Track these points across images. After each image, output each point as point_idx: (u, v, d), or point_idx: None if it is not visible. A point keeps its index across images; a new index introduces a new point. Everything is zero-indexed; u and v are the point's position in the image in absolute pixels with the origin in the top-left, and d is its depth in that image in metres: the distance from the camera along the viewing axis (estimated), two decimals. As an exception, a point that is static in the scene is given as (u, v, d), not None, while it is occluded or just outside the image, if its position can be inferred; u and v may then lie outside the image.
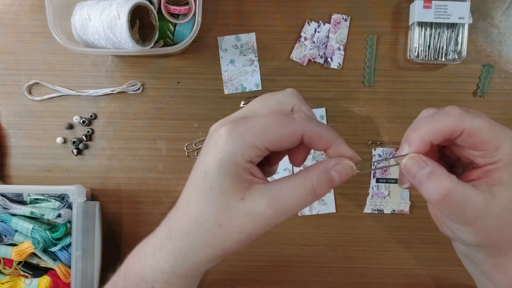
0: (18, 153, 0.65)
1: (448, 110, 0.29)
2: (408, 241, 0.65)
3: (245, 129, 0.29)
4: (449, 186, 0.27)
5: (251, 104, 0.31)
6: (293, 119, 0.29)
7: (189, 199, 0.31)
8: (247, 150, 0.28)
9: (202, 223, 0.29)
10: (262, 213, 0.28)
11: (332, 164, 0.30)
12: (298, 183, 0.29)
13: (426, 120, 0.30)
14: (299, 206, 0.29)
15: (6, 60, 0.65)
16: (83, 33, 0.57)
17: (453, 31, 0.61)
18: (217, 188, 0.29)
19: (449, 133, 0.29)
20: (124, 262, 0.35)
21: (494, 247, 0.31)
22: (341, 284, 0.65)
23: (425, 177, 0.28)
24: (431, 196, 0.28)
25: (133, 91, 0.65)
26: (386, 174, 0.64)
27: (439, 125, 0.29)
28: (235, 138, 0.28)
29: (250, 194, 0.29)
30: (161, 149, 0.65)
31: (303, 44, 0.64)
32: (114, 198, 0.65)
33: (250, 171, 0.29)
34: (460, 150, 0.31)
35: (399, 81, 0.64)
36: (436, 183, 0.28)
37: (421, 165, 0.28)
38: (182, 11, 0.60)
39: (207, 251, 0.30)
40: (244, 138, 0.28)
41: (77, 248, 0.58)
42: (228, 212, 0.29)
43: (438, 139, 0.29)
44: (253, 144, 0.28)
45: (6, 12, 0.65)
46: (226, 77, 0.64)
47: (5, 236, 0.61)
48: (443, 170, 0.28)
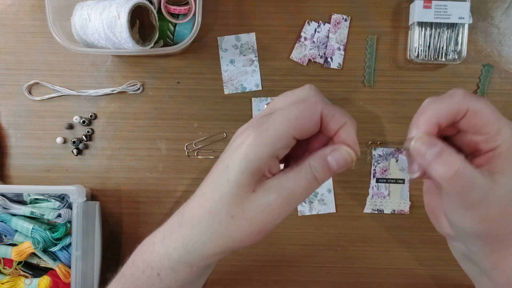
0: (18, 153, 0.65)
1: (452, 92, 0.30)
2: (408, 241, 0.65)
3: (269, 123, 0.29)
4: (459, 163, 0.27)
5: (272, 102, 0.32)
6: (311, 102, 0.30)
7: (206, 190, 0.31)
8: (274, 143, 0.29)
9: (215, 213, 0.30)
10: (273, 202, 0.29)
11: (329, 151, 0.30)
12: (300, 170, 0.30)
13: (431, 103, 0.30)
14: (305, 191, 0.30)
15: (6, 60, 0.65)
16: (83, 33, 0.57)
17: (453, 31, 0.61)
18: (233, 181, 0.29)
19: (454, 113, 0.29)
20: (133, 252, 0.36)
21: (494, 239, 0.31)
22: (341, 284, 0.65)
23: (435, 156, 0.28)
24: (442, 173, 0.28)
25: (133, 91, 0.65)
26: (386, 174, 0.64)
27: (445, 106, 0.29)
28: (260, 133, 0.29)
29: (260, 186, 0.30)
30: (161, 149, 0.65)
31: (303, 44, 0.64)
32: (114, 198, 0.65)
33: (270, 167, 0.30)
34: (463, 138, 0.31)
35: (399, 81, 0.64)
36: (447, 160, 0.28)
37: (430, 145, 0.28)
38: (182, 11, 0.60)
39: (217, 242, 0.30)
40: (270, 132, 0.29)
41: (77, 248, 0.58)
42: (240, 205, 0.29)
43: (445, 119, 0.29)
44: (279, 135, 0.29)
45: (6, 12, 0.65)
46: (226, 77, 0.64)
47: (5, 236, 0.61)
48: (452, 149, 0.28)
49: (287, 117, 0.29)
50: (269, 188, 0.29)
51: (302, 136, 0.30)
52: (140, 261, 0.34)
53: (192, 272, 0.32)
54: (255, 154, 0.29)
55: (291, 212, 0.30)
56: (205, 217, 0.30)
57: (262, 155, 0.29)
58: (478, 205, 0.28)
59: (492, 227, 0.30)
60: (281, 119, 0.29)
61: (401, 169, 0.64)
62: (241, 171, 0.29)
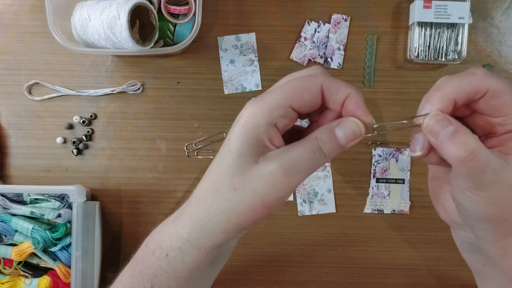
0: (18, 153, 0.65)
1: (473, 69, 0.29)
2: (408, 241, 0.65)
3: (267, 94, 0.29)
4: (474, 144, 0.26)
5: (278, 82, 0.32)
6: (310, 74, 0.30)
7: (211, 166, 0.31)
8: (270, 110, 0.28)
9: (218, 187, 0.30)
10: (274, 172, 0.28)
11: (337, 122, 0.29)
12: (306, 142, 0.29)
13: (450, 79, 0.29)
14: (310, 164, 0.29)
15: (6, 60, 0.65)
16: (83, 33, 0.57)
17: (453, 31, 0.61)
18: (235, 152, 0.29)
19: (474, 92, 0.28)
20: (150, 234, 0.36)
21: (505, 223, 0.30)
22: (341, 284, 0.65)
23: (450, 135, 0.27)
24: (456, 154, 0.27)
25: (133, 91, 0.65)
26: (386, 174, 0.64)
27: (464, 82, 0.28)
28: (257, 102, 0.29)
29: (263, 158, 0.29)
30: (161, 149, 0.65)
31: (303, 44, 0.64)
32: (114, 198, 0.65)
33: (270, 136, 0.29)
34: (476, 119, 0.30)
35: (399, 81, 0.64)
36: (462, 140, 0.27)
37: (445, 123, 0.27)
38: (182, 11, 0.60)
39: (221, 217, 0.30)
40: (266, 100, 0.29)
41: (77, 248, 0.58)
42: (242, 176, 0.29)
43: (463, 98, 0.28)
44: (275, 104, 0.28)
45: (6, 12, 0.65)
46: (226, 77, 0.64)
47: (5, 236, 0.61)
48: (467, 129, 0.27)
49: (285, 87, 0.29)
50: (271, 157, 0.29)
51: (301, 108, 0.29)
52: (152, 242, 0.34)
53: (200, 254, 0.32)
54: (252, 123, 0.28)
55: (296, 186, 0.29)
56: (209, 192, 0.30)
57: (259, 123, 0.28)
58: (490, 186, 0.28)
59: (503, 210, 0.29)
60: (280, 89, 0.29)
61: (401, 169, 0.64)
62: (241, 141, 0.29)
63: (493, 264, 0.33)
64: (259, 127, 0.28)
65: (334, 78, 0.29)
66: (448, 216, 0.34)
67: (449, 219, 0.35)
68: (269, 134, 0.29)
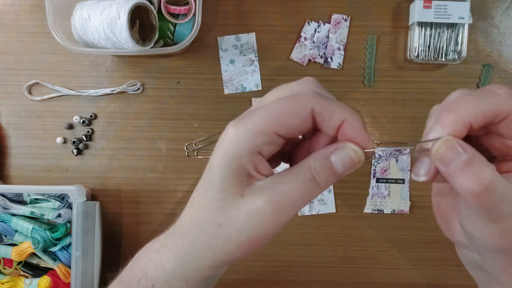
0: (18, 153, 0.65)
1: (494, 88, 0.25)
2: (408, 241, 0.65)
3: (250, 117, 0.26)
4: (490, 177, 0.23)
5: (264, 96, 0.29)
6: (299, 96, 0.26)
7: (194, 196, 0.29)
8: (252, 139, 0.25)
9: (201, 222, 0.27)
10: (262, 209, 0.25)
11: (332, 149, 0.26)
12: (298, 172, 0.26)
13: (466, 99, 0.25)
14: (303, 197, 0.26)
15: (6, 60, 0.65)
16: (83, 33, 0.57)
17: (453, 31, 0.61)
18: (217, 184, 0.26)
19: (493, 115, 0.25)
20: (135, 256, 0.34)
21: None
22: (341, 284, 0.65)
23: (462, 165, 0.24)
24: (469, 187, 0.23)
25: (133, 91, 0.65)
26: (386, 174, 0.64)
27: (484, 105, 0.24)
28: (238, 128, 0.26)
29: (250, 190, 0.26)
30: (161, 149, 0.65)
31: (303, 44, 0.64)
32: (114, 198, 0.65)
33: (255, 165, 0.26)
34: (492, 140, 0.27)
35: (399, 81, 0.64)
36: (476, 172, 0.23)
37: (457, 151, 0.24)
38: (182, 11, 0.60)
39: (206, 253, 0.28)
40: (248, 126, 0.26)
41: (77, 248, 0.57)
42: (227, 211, 0.26)
43: (480, 122, 0.24)
44: (258, 131, 0.25)
45: (6, 12, 0.65)
46: (226, 77, 0.64)
47: (5, 236, 0.61)
48: (483, 158, 0.24)
49: (269, 111, 0.26)
50: (258, 190, 0.26)
51: (289, 133, 0.26)
52: (137, 269, 0.33)
53: (187, 286, 0.30)
54: (233, 152, 0.26)
55: (287, 221, 0.26)
56: (192, 227, 0.28)
57: (241, 152, 0.25)
58: (505, 218, 0.25)
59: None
60: (263, 113, 0.26)
61: (401, 169, 0.64)
62: (223, 172, 0.26)
63: (500, 285, 0.31)
64: (241, 156, 0.25)
65: (327, 100, 0.26)
66: (453, 236, 0.31)
67: (454, 239, 0.32)
68: (253, 163, 0.26)
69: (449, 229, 0.31)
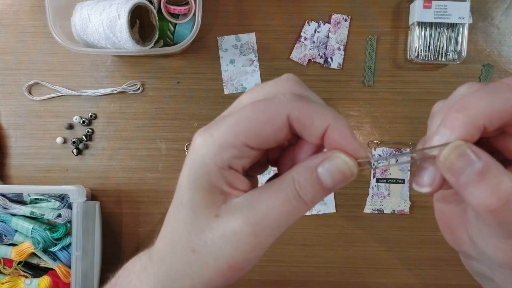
0: (18, 153, 0.65)
1: (508, 81, 0.21)
2: (408, 241, 0.65)
3: (218, 127, 0.22)
4: (510, 189, 0.19)
5: (238, 99, 0.25)
6: (275, 101, 0.22)
7: (167, 218, 0.26)
8: (219, 153, 0.22)
9: (175, 247, 0.24)
10: (239, 231, 0.22)
11: (319, 160, 0.22)
12: (280, 187, 0.22)
13: (478, 96, 0.21)
14: (284, 217, 0.22)
15: (6, 60, 0.65)
16: (83, 33, 0.57)
17: (453, 31, 0.61)
18: (188, 204, 0.23)
19: (511, 115, 0.20)
20: (117, 273, 0.32)
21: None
22: (341, 284, 0.65)
23: (476, 176, 0.20)
24: (485, 203, 0.19)
25: (133, 91, 0.65)
26: (386, 174, 0.64)
27: (500, 102, 0.20)
28: (205, 140, 0.22)
29: (225, 209, 0.23)
30: (161, 149, 0.65)
31: (303, 44, 0.64)
32: (114, 198, 0.65)
33: (228, 180, 0.23)
34: (508, 142, 0.23)
35: (399, 81, 0.64)
36: (494, 184, 0.19)
37: (470, 159, 0.20)
38: (182, 11, 0.60)
39: (185, 282, 0.24)
40: (215, 137, 0.22)
41: (77, 248, 0.57)
42: (201, 235, 0.23)
43: (496, 123, 0.20)
44: (226, 143, 0.22)
45: (6, 12, 0.65)
46: (226, 77, 0.64)
47: (5, 236, 0.61)
48: (501, 167, 0.20)
49: (238, 120, 0.22)
50: (234, 210, 0.22)
51: (262, 145, 0.22)
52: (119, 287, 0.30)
53: None
54: (200, 168, 0.22)
55: (270, 244, 0.23)
56: (167, 253, 0.25)
57: (208, 167, 0.22)
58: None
59: None
60: (231, 121, 0.22)
61: (401, 169, 0.64)
62: (192, 191, 0.23)
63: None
64: (210, 172, 0.22)
65: (308, 104, 0.22)
66: (459, 246, 0.27)
67: (460, 249, 0.28)
68: (225, 178, 0.23)
69: (455, 239, 0.27)
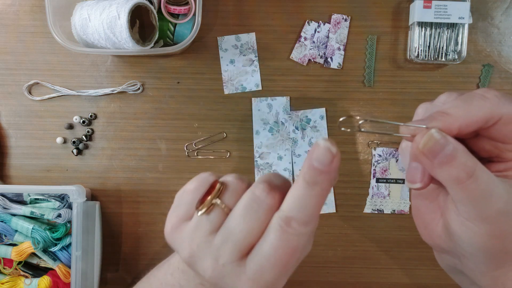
0: (18, 153, 0.65)
1: (483, 93, 0.25)
2: (408, 241, 0.65)
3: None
4: (475, 166, 0.23)
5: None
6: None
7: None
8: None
9: None
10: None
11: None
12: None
13: (455, 104, 0.25)
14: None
15: (6, 60, 0.65)
16: (83, 33, 0.57)
17: (453, 31, 0.61)
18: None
19: (485, 121, 0.25)
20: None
21: (502, 256, 0.27)
22: (341, 284, 0.65)
23: (447, 158, 0.24)
24: (456, 176, 0.23)
25: (133, 91, 0.65)
26: (386, 174, 0.64)
27: (475, 110, 0.24)
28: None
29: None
30: (161, 149, 0.65)
31: (303, 44, 0.64)
32: (114, 198, 0.65)
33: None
34: (482, 143, 0.27)
35: (399, 81, 0.64)
36: (462, 162, 0.23)
37: (442, 145, 0.24)
38: (182, 11, 0.60)
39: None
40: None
41: (77, 248, 0.58)
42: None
43: (471, 127, 0.25)
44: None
45: (6, 12, 0.65)
46: (226, 77, 0.64)
47: (5, 236, 0.61)
48: (466, 150, 0.24)
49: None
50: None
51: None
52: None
53: None
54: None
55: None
56: None
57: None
58: (496, 217, 0.24)
59: (505, 243, 0.25)
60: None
61: (401, 169, 0.64)
62: None
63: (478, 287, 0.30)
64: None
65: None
66: (432, 239, 0.31)
67: (433, 243, 0.31)
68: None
69: (429, 233, 0.31)
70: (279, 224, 0.25)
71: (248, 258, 0.26)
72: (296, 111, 0.64)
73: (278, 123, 0.64)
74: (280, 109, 0.64)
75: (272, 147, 0.64)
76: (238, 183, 0.28)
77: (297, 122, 0.64)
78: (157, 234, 0.64)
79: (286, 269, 0.26)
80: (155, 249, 0.65)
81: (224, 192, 0.28)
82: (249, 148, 0.64)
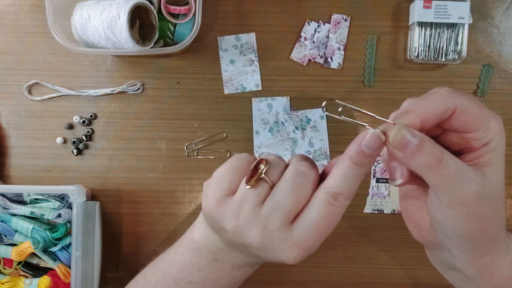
0: (18, 153, 0.65)
1: (437, 90, 0.29)
2: (408, 241, 0.65)
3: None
4: (442, 153, 0.27)
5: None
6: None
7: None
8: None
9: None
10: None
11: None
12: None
13: (415, 103, 0.29)
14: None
15: (6, 60, 0.65)
16: (83, 33, 0.57)
17: (453, 31, 0.61)
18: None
19: (442, 112, 0.28)
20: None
21: (484, 240, 0.29)
22: (341, 284, 0.65)
23: (417, 148, 0.27)
24: (426, 163, 0.27)
25: (133, 91, 0.65)
26: (386, 174, 0.64)
27: (431, 105, 0.28)
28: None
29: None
30: (161, 149, 0.65)
31: (303, 44, 0.64)
32: (114, 198, 0.65)
33: None
34: (451, 136, 0.30)
35: (399, 81, 0.64)
36: (429, 149, 0.27)
37: (410, 137, 0.27)
38: (182, 11, 0.60)
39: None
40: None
41: (77, 248, 0.58)
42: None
43: (432, 120, 0.28)
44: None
45: (6, 12, 0.65)
46: (226, 77, 0.64)
47: (5, 236, 0.61)
48: (431, 140, 0.28)
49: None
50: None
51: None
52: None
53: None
54: None
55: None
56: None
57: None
58: (471, 200, 0.27)
59: (484, 225, 0.28)
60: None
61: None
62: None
63: (472, 282, 0.33)
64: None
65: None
66: (422, 236, 0.34)
67: (423, 239, 0.34)
68: None
69: (418, 230, 0.34)
70: (326, 197, 0.29)
71: (295, 225, 0.30)
72: (296, 111, 0.64)
73: (278, 123, 0.64)
74: (280, 109, 0.64)
75: (272, 147, 0.64)
76: (280, 161, 0.33)
77: (297, 122, 0.64)
78: (157, 234, 0.65)
79: (325, 236, 0.30)
80: (155, 249, 0.65)
81: (269, 168, 0.32)
82: (249, 148, 0.64)
